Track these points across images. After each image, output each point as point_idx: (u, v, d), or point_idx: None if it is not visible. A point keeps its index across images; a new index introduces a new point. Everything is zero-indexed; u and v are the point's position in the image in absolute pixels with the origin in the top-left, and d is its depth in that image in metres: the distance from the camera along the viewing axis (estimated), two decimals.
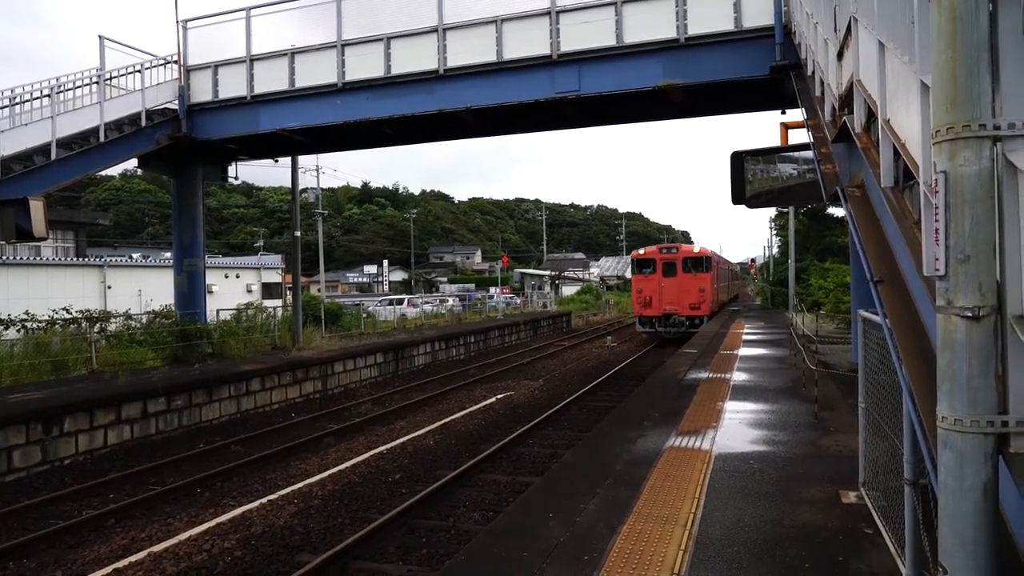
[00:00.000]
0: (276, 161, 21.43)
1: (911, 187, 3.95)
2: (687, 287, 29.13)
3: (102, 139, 15.62)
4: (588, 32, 14.41)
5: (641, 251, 31.87)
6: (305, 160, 41.76)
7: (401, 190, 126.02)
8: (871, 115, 4.69)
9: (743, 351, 16.96)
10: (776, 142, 11.69)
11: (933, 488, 2.77)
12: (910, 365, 3.40)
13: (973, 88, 2.25)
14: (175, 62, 17.51)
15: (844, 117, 5.59)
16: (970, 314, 2.25)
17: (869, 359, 5.41)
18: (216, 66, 17.43)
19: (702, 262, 29.87)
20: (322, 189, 50.85)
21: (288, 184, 21.76)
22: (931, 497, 3.13)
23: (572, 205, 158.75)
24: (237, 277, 36.67)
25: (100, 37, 16.50)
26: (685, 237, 59.41)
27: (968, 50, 2.26)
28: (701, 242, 59.19)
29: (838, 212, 30.33)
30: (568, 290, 70.81)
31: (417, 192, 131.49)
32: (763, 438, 7.98)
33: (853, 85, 5.06)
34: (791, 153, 10.27)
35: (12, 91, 14.75)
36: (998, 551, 2.29)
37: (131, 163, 18.97)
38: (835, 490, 5.98)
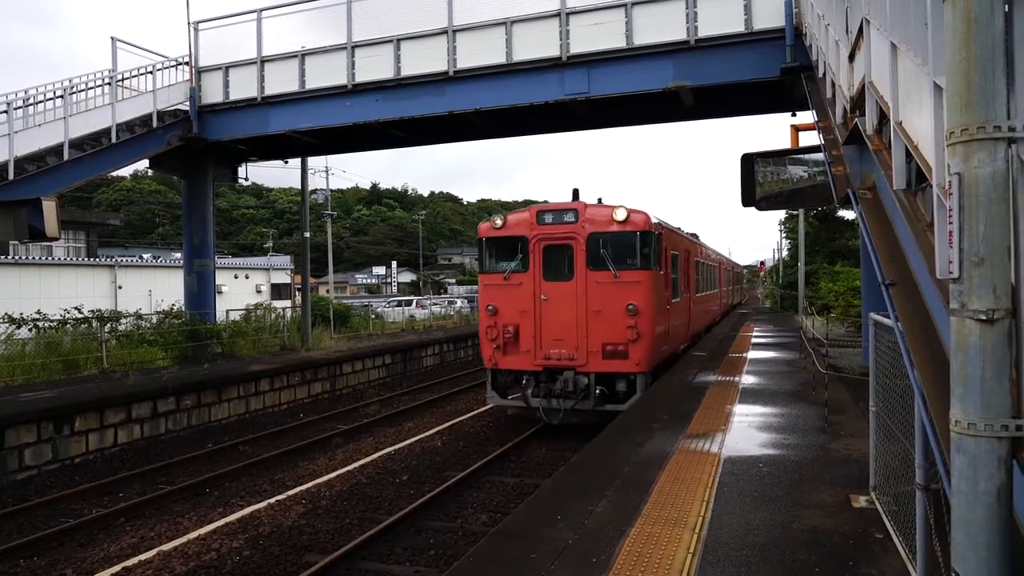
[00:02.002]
0: (286, 162, 21.54)
1: (924, 189, 3.92)
2: (600, 304, 12.04)
3: (114, 140, 15.73)
4: (598, 34, 14.39)
5: (498, 220, 12.94)
6: (315, 161, 41.91)
7: (410, 191, 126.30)
8: (883, 117, 4.67)
9: (752, 354, 16.87)
10: (787, 144, 11.66)
11: (945, 493, 2.75)
12: (922, 368, 3.38)
13: (988, 89, 2.24)
14: (186, 63, 17.62)
15: (856, 119, 5.57)
16: (984, 317, 2.23)
17: (880, 362, 5.37)
18: (227, 67, 17.52)
19: (637, 245, 12.07)
20: (331, 190, 51.03)
21: (298, 185, 21.81)
22: (943, 502, 3.11)
23: None
24: (247, 278, 36.85)
25: (112, 39, 16.63)
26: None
27: (983, 51, 2.24)
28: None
29: (849, 215, 30.18)
30: None
31: (426, 193, 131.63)
32: (772, 441, 7.94)
33: (865, 87, 5.03)
34: (802, 155, 10.23)
35: (26, 92, 14.87)
36: (1012, 556, 2.27)
37: (142, 164, 19.12)
38: (845, 494, 5.94)
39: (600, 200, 12.69)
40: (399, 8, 15.95)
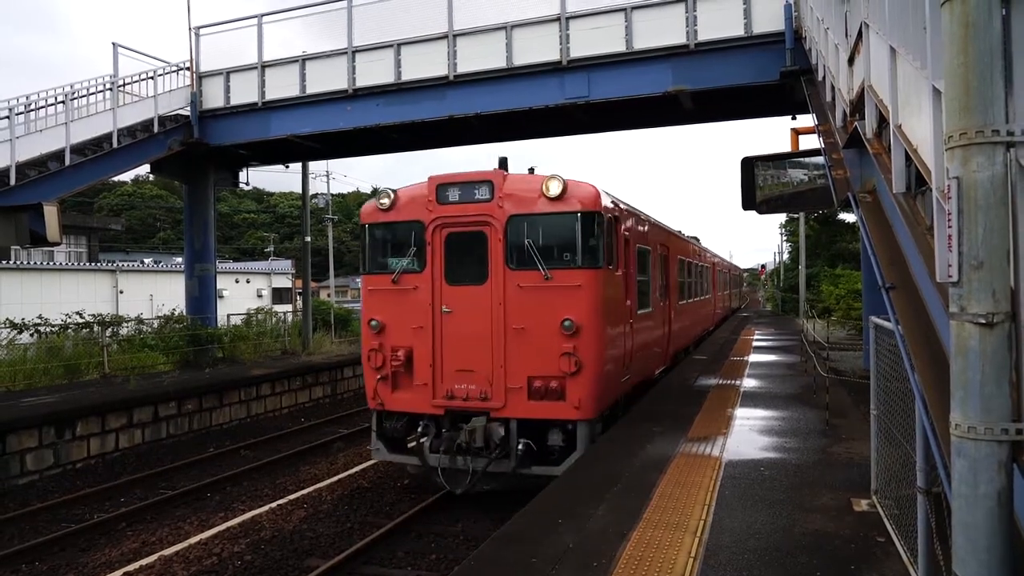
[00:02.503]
0: (287, 167, 21.58)
1: (923, 193, 3.93)
2: (525, 319, 8.47)
3: (115, 145, 15.76)
4: (598, 38, 14.42)
5: (384, 199, 9.24)
6: (316, 166, 41.97)
7: None
8: (882, 120, 4.68)
9: (753, 357, 16.87)
10: (787, 148, 11.67)
11: (946, 496, 2.75)
12: (922, 372, 3.38)
13: (986, 93, 2.24)
14: (187, 68, 17.67)
15: (855, 122, 5.58)
16: (983, 321, 2.23)
17: (881, 366, 5.37)
18: (228, 72, 17.57)
19: (578, 232, 8.42)
20: (332, 194, 51.08)
21: (299, 189, 21.87)
22: (944, 505, 3.11)
23: None
24: (248, 282, 36.85)
25: (114, 44, 16.69)
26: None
27: (981, 55, 2.25)
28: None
29: (849, 218, 30.17)
30: None
31: None
32: (774, 445, 7.93)
33: (864, 90, 5.04)
34: (802, 159, 10.24)
35: (27, 97, 14.91)
36: (1012, 560, 2.27)
37: (144, 169, 19.16)
38: (847, 498, 5.93)
39: (532, 170, 9.30)
40: (400, 13, 15.99)
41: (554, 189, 8.35)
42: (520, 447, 8.31)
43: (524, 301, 8.40)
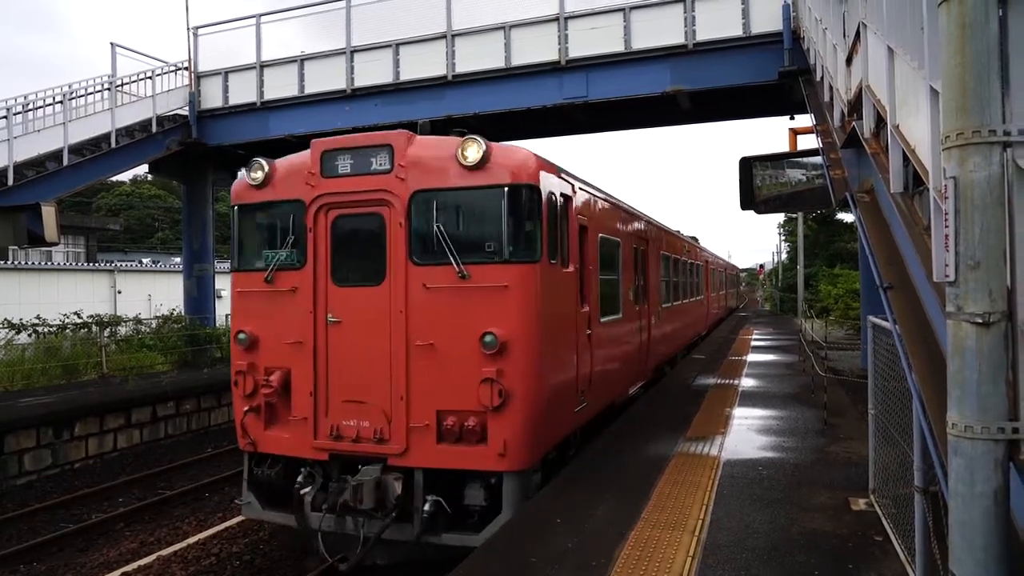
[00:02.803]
0: None
1: (921, 193, 3.94)
2: (433, 331, 6.39)
3: (113, 145, 15.74)
4: (596, 38, 14.44)
5: (257, 172, 7.30)
6: None
7: None
8: (880, 120, 4.69)
9: (751, 357, 16.89)
10: (785, 148, 11.71)
11: (943, 495, 2.76)
12: (920, 371, 3.39)
13: (983, 94, 2.25)
14: (186, 68, 17.66)
15: (853, 122, 5.59)
16: (980, 320, 2.24)
17: (879, 365, 5.39)
18: (226, 72, 17.56)
19: (504, 213, 6.35)
20: None
21: None
22: (941, 504, 3.12)
23: None
24: None
25: (112, 44, 16.69)
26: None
27: (978, 56, 2.26)
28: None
29: (847, 218, 30.24)
30: None
31: None
32: (772, 444, 7.94)
33: (862, 90, 5.06)
34: (800, 159, 10.27)
35: (25, 97, 14.90)
36: (1009, 558, 2.28)
37: (142, 169, 19.14)
38: (844, 497, 5.95)
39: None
40: (398, 13, 15.99)
41: (472, 154, 6.31)
42: (427, 507, 6.16)
43: (433, 308, 6.34)
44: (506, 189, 6.31)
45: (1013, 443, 2.25)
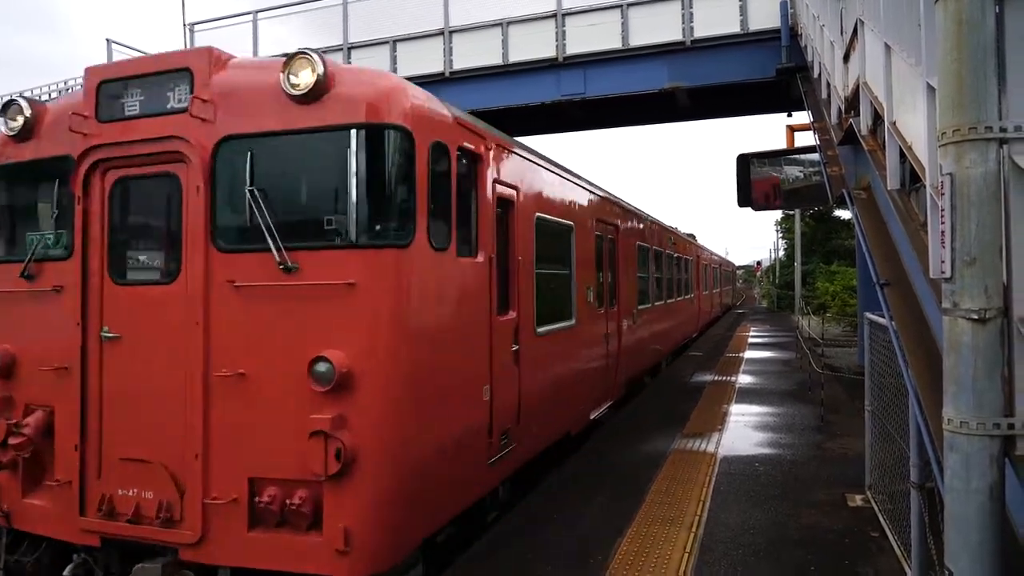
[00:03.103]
0: None
1: (917, 189, 3.95)
2: (248, 354, 4.21)
3: None
4: (594, 35, 14.42)
5: (15, 119, 5.04)
6: None
7: None
8: (877, 117, 4.69)
9: (749, 354, 16.93)
10: (782, 145, 11.72)
11: (939, 491, 2.77)
12: (916, 367, 3.40)
13: (979, 90, 2.25)
14: None
15: (850, 119, 5.60)
16: (976, 316, 2.25)
17: (875, 362, 5.41)
18: None
19: (352, 167, 4.12)
20: None
21: None
22: (937, 500, 3.13)
23: None
24: None
25: (108, 40, 16.61)
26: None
27: (974, 53, 2.26)
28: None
29: (845, 215, 30.24)
30: None
31: None
32: (769, 441, 7.96)
33: (859, 87, 5.06)
34: (797, 155, 10.29)
35: (21, 94, 14.84)
36: (1004, 553, 2.29)
37: None
38: (841, 493, 5.97)
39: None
40: (395, 10, 15.96)
41: (304, 78, 4.19)
42: None
43: (244, 317, 4.29)
44: (355, 131, 4.16)
45: (1008, 439, 2.26)
